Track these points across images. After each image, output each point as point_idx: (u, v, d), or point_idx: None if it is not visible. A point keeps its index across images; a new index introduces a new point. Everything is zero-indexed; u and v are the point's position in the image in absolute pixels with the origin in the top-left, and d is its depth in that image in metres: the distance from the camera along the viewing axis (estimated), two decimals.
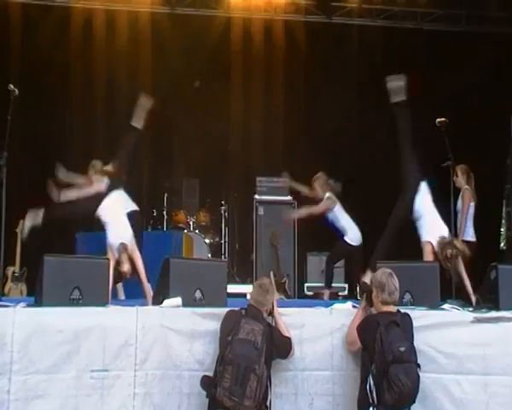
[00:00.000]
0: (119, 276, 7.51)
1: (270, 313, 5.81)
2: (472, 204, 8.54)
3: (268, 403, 5.51)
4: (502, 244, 8.42)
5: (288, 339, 5.76)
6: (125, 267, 7.28)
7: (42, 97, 10.58)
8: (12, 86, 7.39)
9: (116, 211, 7.76)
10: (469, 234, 8.66)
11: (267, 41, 11.58)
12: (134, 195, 8.85)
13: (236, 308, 5.79)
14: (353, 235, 8.96)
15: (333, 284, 9.18)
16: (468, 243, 8.54)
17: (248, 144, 11.42)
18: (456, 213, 8.74)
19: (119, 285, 8.13)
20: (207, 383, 5.45)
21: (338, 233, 9.00)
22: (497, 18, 11.37)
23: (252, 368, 5.35)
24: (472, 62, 10.89)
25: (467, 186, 8.62)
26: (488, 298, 6.43)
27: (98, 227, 10.24)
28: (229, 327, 5.57)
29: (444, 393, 5.88)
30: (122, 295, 8.19)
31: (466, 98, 10.86)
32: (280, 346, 5.68)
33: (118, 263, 7.32)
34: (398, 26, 11.81)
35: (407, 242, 8.31)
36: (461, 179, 8.67)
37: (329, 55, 11.45)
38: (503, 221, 8.37)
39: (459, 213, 8.72)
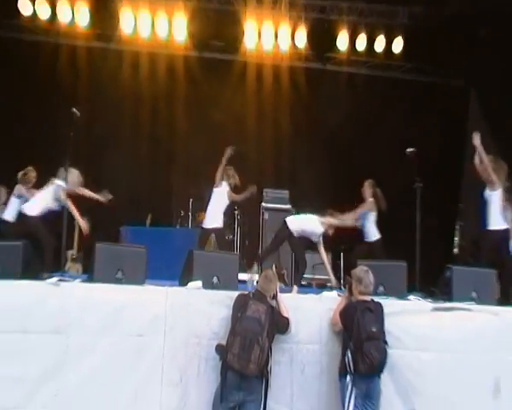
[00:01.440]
0: None
1: (274, 297, 5.81)
2: (373, 213, 8.56)
3: (269, 368, 5.52)
4: (455, 250, 8.43)
5: (287, 319, 5.77)
6: None
7: (98, 119, 10.63)
8: (75, 109, 7.44)
9: None
10: (374, 234, 8.67)
11: (275, 81, 11.58)
12: (168, 199, 8.90)
13: (245, 292, 5.83)
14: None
15: (322, 277, 9.17)
16: (372, 242, 8.59)
17: (258, 163, 11.41)
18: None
19: None
20: (221, 350, 5.49)
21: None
22: (451, 73, 11.45)
23: (256, 339, 5.38)
24: (434, 107, 10.94)
25: (371, 199, 8.61)
26: (444, 291, 6.48)
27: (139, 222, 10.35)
28: (239, 306, 5.61)
29: (406, 365, 5.91)
30: None
31: (428, 134, 10.83)
32: (279, 324, 5.71)
33: None
34: (378, 74, 11.82)
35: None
36: (367, 192, 8.67)
37: (324, 94, 11.47)
38: (457, 232, 8.39)
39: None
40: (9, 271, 5.84)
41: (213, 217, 8.53)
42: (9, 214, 7.97)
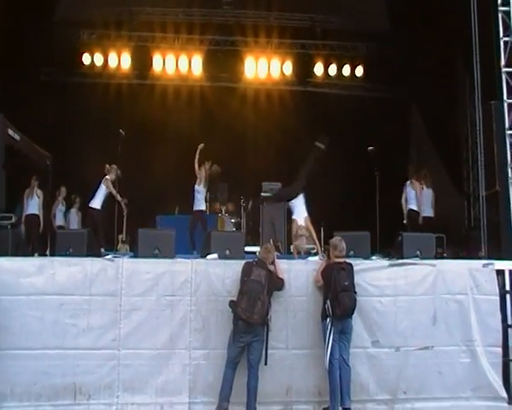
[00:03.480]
0: None
1: (273, 263, 5.74)
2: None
3: (269, 317, 5.47)
4: (404, 221, 8.49)
5: (282, 280, 5.70)
6: None
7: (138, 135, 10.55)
8: (121, 130, 7.44)
9: None
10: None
11: (268, 101, 11.58)
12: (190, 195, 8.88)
13: (250, 260, 5.75)
14: None
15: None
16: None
17: (258, 164, 11.25)
18: None
19: None
20: (232, 305, 5.42)
21: None
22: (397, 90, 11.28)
23: (258, 297, 5.33)
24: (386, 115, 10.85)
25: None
26: (397, 252, 6.38)
27: (169, 211, 10.24)
28: (245, 271, 5.54)
29: (371, 308, 5.84)
30: None
31: (382, 136, 10.59)
32: (276, 284, 5.63)
33: None
34: (345, 92, 11.73)
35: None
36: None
37: (305, 109, 11.35)
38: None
39: None
40: (78, 250, 5.90)
41: None
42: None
